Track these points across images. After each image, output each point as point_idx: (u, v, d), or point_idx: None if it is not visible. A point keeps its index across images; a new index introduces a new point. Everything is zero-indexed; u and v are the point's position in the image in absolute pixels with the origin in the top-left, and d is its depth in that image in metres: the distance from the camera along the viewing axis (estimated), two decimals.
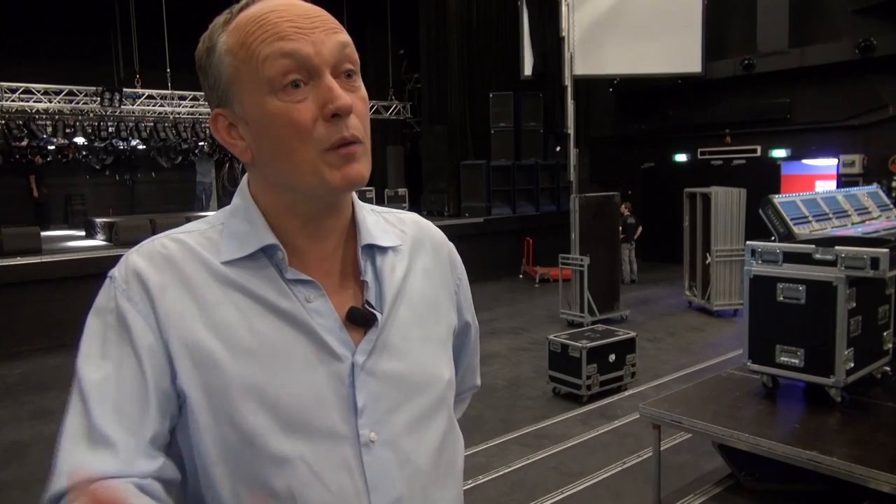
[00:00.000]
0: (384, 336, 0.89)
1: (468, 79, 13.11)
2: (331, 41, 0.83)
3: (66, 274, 8.06)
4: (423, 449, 0.90)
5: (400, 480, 0.87)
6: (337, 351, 0.86)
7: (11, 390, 6.41)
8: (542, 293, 10.65)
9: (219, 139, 0.89)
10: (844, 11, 10.64)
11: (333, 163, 0.82)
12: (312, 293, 0.87)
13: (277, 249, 0.86)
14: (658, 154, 13.54)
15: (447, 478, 0.95)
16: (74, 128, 12.41)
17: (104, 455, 0.77)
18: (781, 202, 4.49)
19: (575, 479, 4.12)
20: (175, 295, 0.83)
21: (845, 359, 3.37)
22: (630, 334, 5.82)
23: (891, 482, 2.73)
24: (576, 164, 9.60)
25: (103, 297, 0.84)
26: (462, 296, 1.06)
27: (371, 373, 0.87)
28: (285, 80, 0.80)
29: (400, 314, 0.92)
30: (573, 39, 10.02)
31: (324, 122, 0.81)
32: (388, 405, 0.88)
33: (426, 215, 13.75)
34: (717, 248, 8.39)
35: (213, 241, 0.88)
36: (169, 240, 0.88)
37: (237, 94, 0.84)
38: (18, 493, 4.21)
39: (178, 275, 0.84)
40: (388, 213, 1.03)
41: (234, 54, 0.83)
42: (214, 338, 0.82)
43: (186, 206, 15.41)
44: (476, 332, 1.13)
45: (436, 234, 1.06)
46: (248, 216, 0.88)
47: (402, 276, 0.95)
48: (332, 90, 0.81)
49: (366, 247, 0.92)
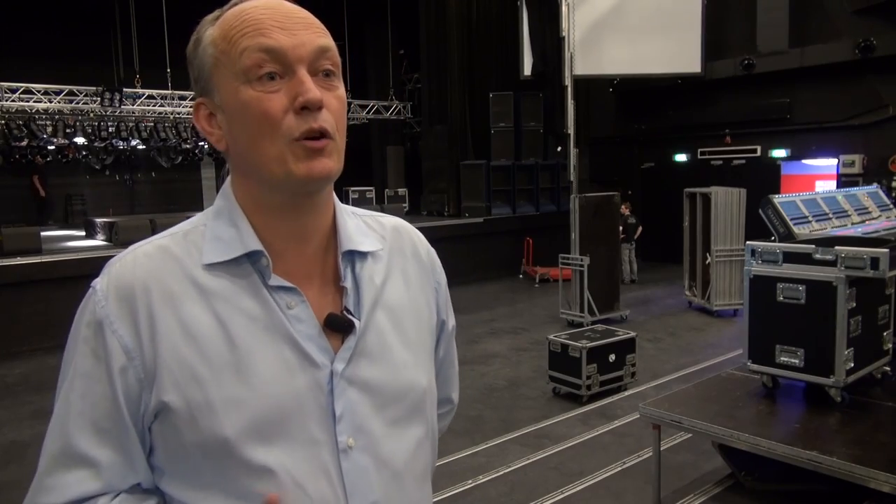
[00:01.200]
0: (362, 343, 0.90)
1: (468, 79, 13.10)
2: (310, 41, 0.84)
3: (66, 274, 8.05)
4: (400, 453, 0.91)
5: (377, 485, 0.88)
6: (316, 359, 0.86)
7: (11, 390, 6.41)
8: (542, 293, 10.65)
9: (199, 128, 0.90)
10: (844, 11, 10.64)
11: (299, 155, 0.83)
12: (294, 300, 0.87)
13: (262, 256, 0.86)
14: (658, 154, 13.54)
15: (422, 481, 0.96)
16: (74, 128, 12.41)
17: (82, 474, 0.81)
18: (781, 202, 4.49)
19: (575, 479, 4.12)
20: (155, 309, 0.83)
21: (845, 359, 3.37)
22: (630, 334, 5.82)
23: (891, 482, 2.73)
24: (576, 164, 9.59)
25: (84, 310, 0.86)
26: (441, 297, 1.06)
27: (350, 380, 0.88)
28: (260, 71, 0.82)
29: (378, 321, 0.93)
30: (573, 39, 10.01)
31: (294, 115, 0.82)
32: (366, 412, 0.88)
33: (426, 215, 13.76)
34: (717, 248, 8.39)
35: (195, 244, 0.88)
36: (151, 247, 0.88)
37: (217, 84, 0.86)
38: (18, 493, 4.19)
39: (159, 287, 0.84)
40: (369, 216, 1.02)
41: (216, 45, 0.85)
42: (194, 351, 0.82)
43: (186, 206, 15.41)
44: (451, 338, 1.13)
45: (416, 238, 1.06)
46: (232, 219, 0.88)
47: (381, 282, 0.95)
48: (303, 83, 0.82)
49: (346, 252, 0.92)
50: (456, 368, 1.19)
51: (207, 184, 16.88)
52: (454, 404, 1.21)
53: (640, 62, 10.84)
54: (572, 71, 9.87)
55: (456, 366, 1.18)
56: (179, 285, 0.85)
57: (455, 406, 1.22)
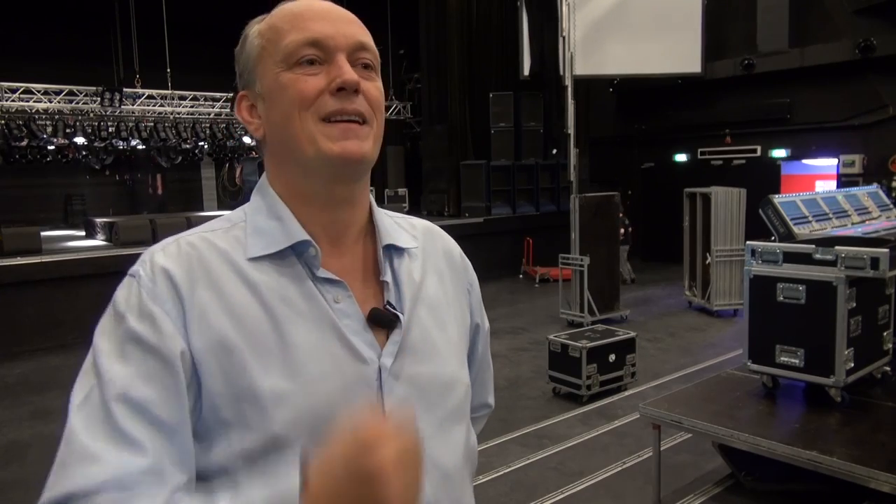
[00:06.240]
0: (408, 338, 0.88)
1: (468, 79, 13.10)
2: (352, 34, 0.87)
3: (66, 274, 8.06)
4: (449, 453, 0.90)
5: (429, 485, 0.84)
6: (364, 354, 0.85)
7: (11, 390, 6.41)
8: (542, 293, 10.65)
9: (239, 118, 0.91)
10: (844, 11, 10.64)
11: (332, 135, 0.84)
12: (340, 294, 0.86)
13: (310, 246, 0.85)
14: (658, 154, 13.54)
15: (469, 482, 0.95)
16: (74, 128, 12.40)
17: (131, 456, 0.73)
18: (781, 202, 4.49)
19: (575, 479, 4.12)
20: (204, 295, 0.81)
21: (845, 359, 3.37)
22: (630, 334, 5.82)
23: (891, 482, 2.73)
24: (576, 164, 9.58)
25: (125, 296, 0.81)
26: (474, 299, 1.06)
27: (397, 376, 0.86)
28: (301, 55, 0.84)
29: (420, 316, 0.91)
30: (573, 39, 10.01)
31: (329, 95, 0.84)
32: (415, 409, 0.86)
33: (426, 216, 13.76)
34: (717, 248, 8.38)
35: (238, 239, 0.87)
36: (196, 238, 0.86)
37: (260, 73, 0.87)
38: (18, 493, 4.20)
39: (206, 274, 0.82)
40: (400, 217, 1.02)
41: (262, 35, 0.88)
42: (242, 341, 0.80)
43: (186, 206, 15.42)
44: (486, 340, 1.12)
45: (447, 240, 1.06)
46: (275, 212, 0.87)
47: (420, 278, 0.94)
48: (341, 67, 0.84)
49: (385, 247, 0.92)
50: (491, 371, 1.18)
51: (208, 184, 16.90)
52: (491, 408, 1.20)
53: (640, 62, 10.85)
54: (572, 71, 9.87)
55: (491, 369, 1.17)
56: (226, 274, 0.83)
57: (492, 409, 1.20)
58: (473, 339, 1.07)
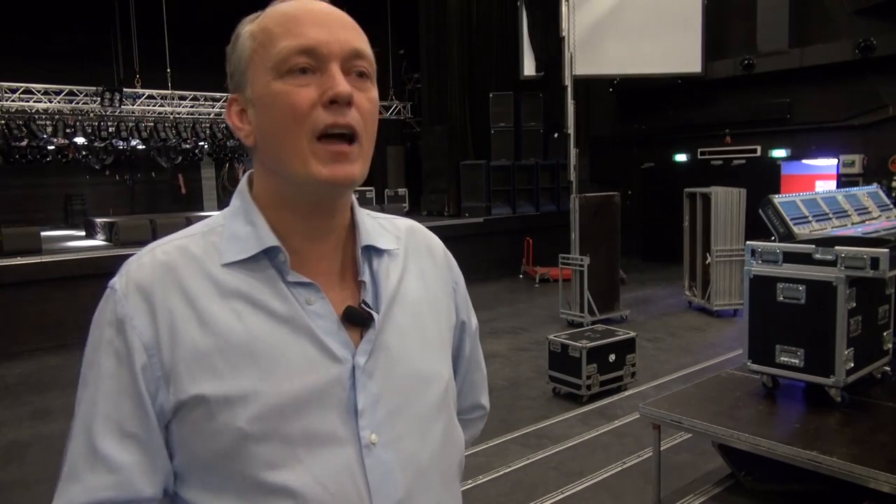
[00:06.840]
0: (382, 337, 0.89)
1: (468, 79, 13.10)
2: (346, 40, 0.85)
3: (66, 274, 8.05)
4: (426, 449, 0.90)
5: (402, 482, 0.86)
6: (337, 353, 0.85)
7: (11, 390, 6.40)
8: (542, 293, 10.64)
9: (230, 124, 0.91)
10: (844, 11, 10.64)
11: (323, 157, 0.83)
12: (312, 295, 0.87)
13: (279, 252, 0.86)
14: (658, 154, 13.54)
15: (449, 478, 0.95)
16: (74, 128, 12.39)
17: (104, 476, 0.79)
18: (781, 202, 4.50)
19: (575, 479, 4.12)
20: (174, 305, 0.83)
21: (845, 359, 3.37)
22: (630, 334, 5.82)
23: (891, 482, 2.73)
24: (576, 164, 9.58)
25: (103, 310, 0.85)
26: (459, 297, 1.06)
27: (371, 374, 0.87)
28: (293, 64, 0.82)
29: (396, 315, 0.92)
30: (573, 39, 10.01)
31: (322, 109, 0.82)
32: (389, 407, 0.87)
33: (426, 215, 13.75)
34: (717, 248, 8.38)
35: (214, 244, 0.88)
36: (171, 247, 0.87)
37: (251, 77, 0.86)
38: (18, 493, 4.20)
39: (179, 286, 0.84)
40: (384, 218, 1.03)
41: (254, 38, 0.86)
42: (213, 347, 0.82)
43: (186, 206, 15.42)
44: (475, 338, 1.11)
45: (431, 239, 1.06)
46: (249, 217, 0.88)
47: (398, 279, 0.95)
48: (333, 78, 0.82)
49: (364, 248, 0.93)
50: (484, 372, 1.17)
51: (208, 184, 16.89)
52: (486, 410, 1.19)
53: (640, 62, 10.84)
54: (572, 71, 9.87)
55: (483, 369, 1.16)
56: (198, 284, 0.84)
57: (487, 412, 1.20)
58: (460, 336, 1.07)
